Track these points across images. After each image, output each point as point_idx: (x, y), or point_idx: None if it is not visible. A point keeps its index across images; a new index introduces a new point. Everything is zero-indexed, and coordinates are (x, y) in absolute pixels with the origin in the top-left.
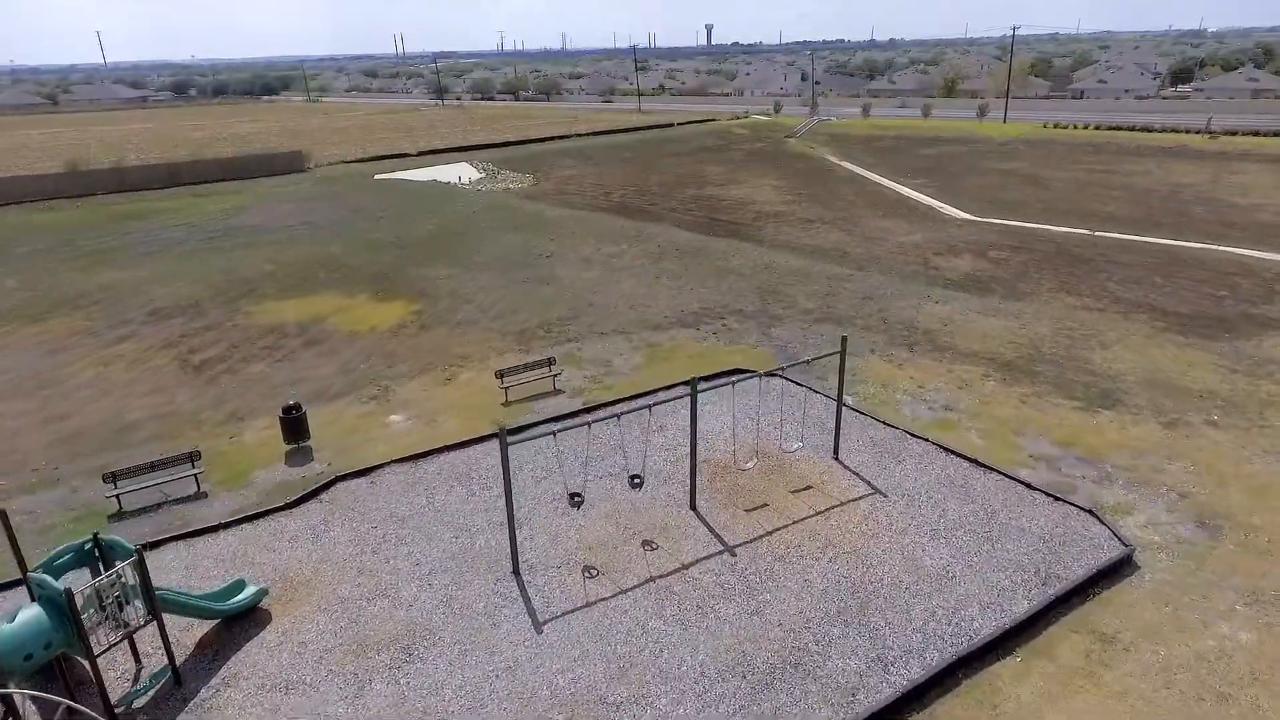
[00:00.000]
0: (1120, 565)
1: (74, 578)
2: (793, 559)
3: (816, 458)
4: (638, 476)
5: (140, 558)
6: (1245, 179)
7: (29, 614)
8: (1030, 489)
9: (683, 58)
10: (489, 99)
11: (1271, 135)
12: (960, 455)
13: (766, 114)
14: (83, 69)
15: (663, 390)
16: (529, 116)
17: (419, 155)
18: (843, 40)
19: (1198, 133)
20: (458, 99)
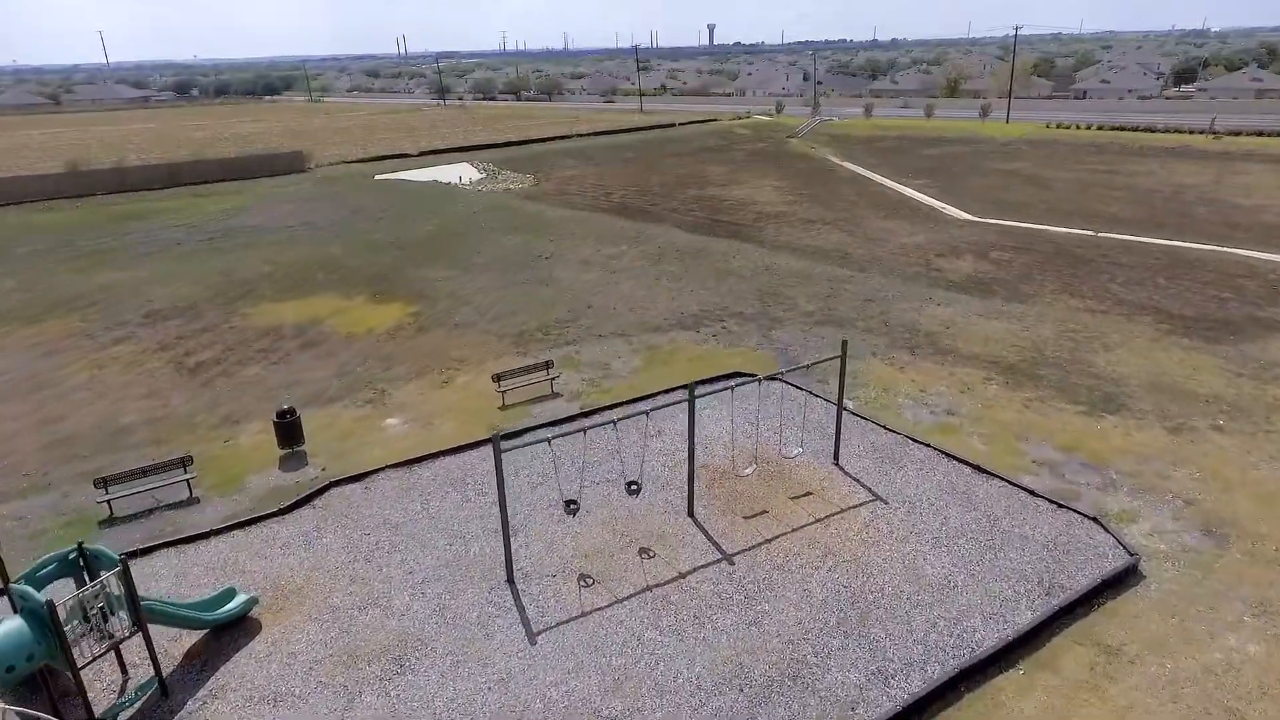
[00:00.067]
0: (1125, 575)
1: (61, 587)
2: (792, 568)
3: (816, 463)
4: (635, 483)
5: (125, 568)
6: (1249, 179)
7: (10, 626)
8: (1033, 496)
9: (685, 58)
10: (491, 99)
11: (1275, 135)
12: (962, 461)
13: (768, 114)
14: (86, 69)
15: (661, 394)
16: (530, 116)
17: (420, 155)
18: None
19: (1201, 133)
20: (459, 99)
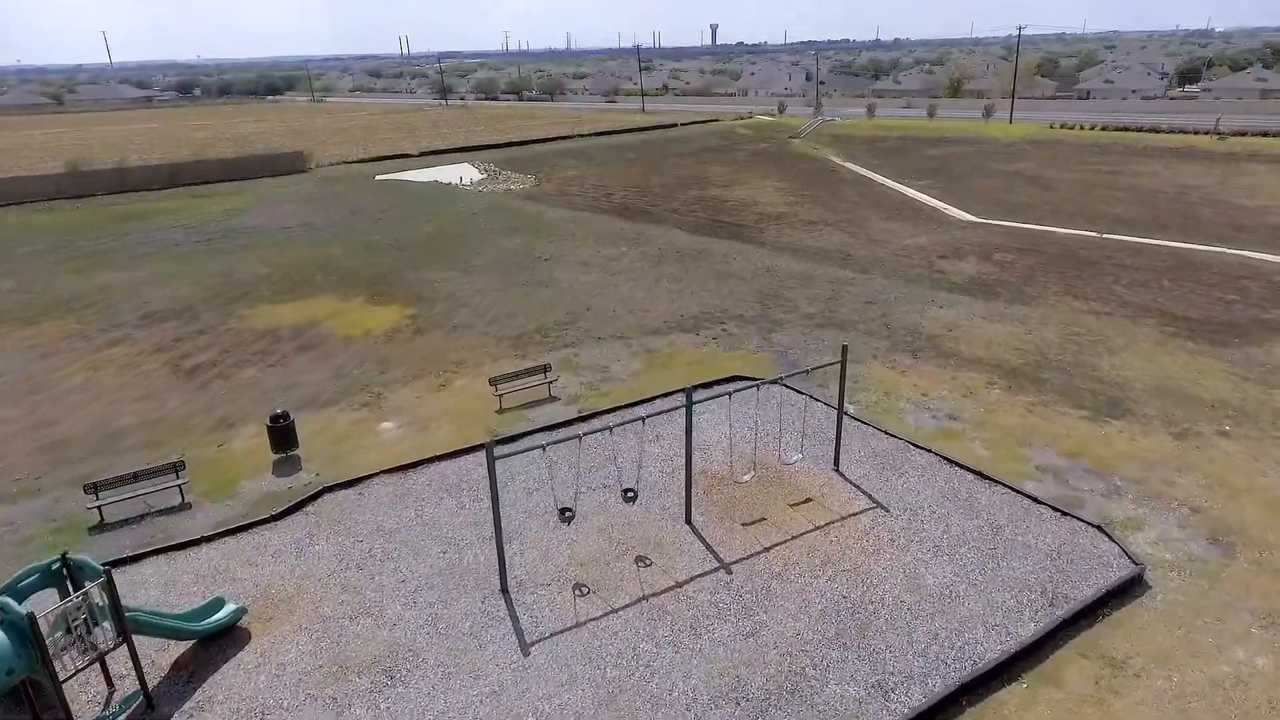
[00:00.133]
0: (1130, 585)
1: (49, 597)
2: (790, 577)
3: (816, 469)
4: (631, 490)
5: (109, 578)
6: (1254, 180)
7: None
8: (1036, 503)
9: (687, 58)
10: (493, 99)
11: None
12: (964, 467)
13: (770, 114)
14: (90, 69)
15: (660, 398)
16: (532, 117)
17: (421, 156)
18: (848, 40)
19: (1206, 133)
20: (461, 99)
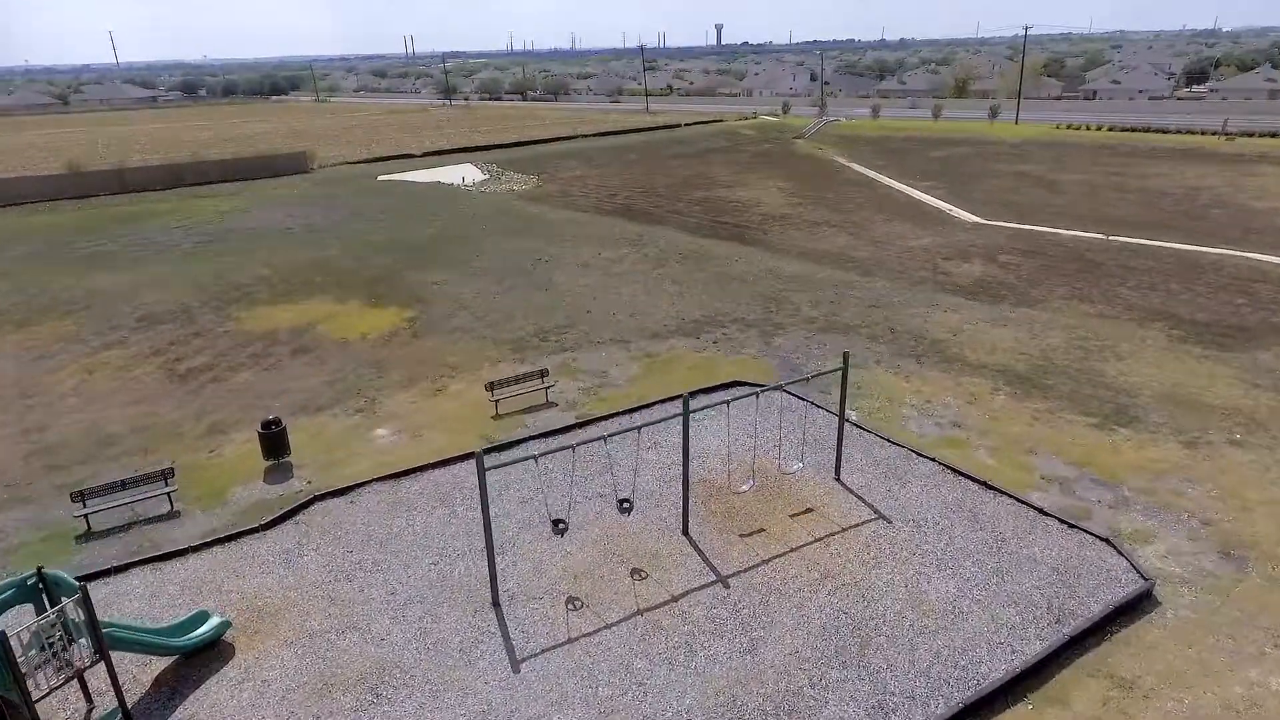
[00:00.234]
0: (1139, 600)
1: (28, 612)
2: (789, 591)
3: (817, 478)
4: (627, 500)
5: (85, 594)
6: (1263, 181)
7: None
8: (1042, 514)
9: (692, 58)
10: (497, 99)
11: None
12: (969, 477)
13: (775, 115)
14: (96, 69)
15: (658, 404)
16: (536, 117)
17: (423, 156)
18: (853, 40)
19: (1214, 134)
20: (465, 99)
